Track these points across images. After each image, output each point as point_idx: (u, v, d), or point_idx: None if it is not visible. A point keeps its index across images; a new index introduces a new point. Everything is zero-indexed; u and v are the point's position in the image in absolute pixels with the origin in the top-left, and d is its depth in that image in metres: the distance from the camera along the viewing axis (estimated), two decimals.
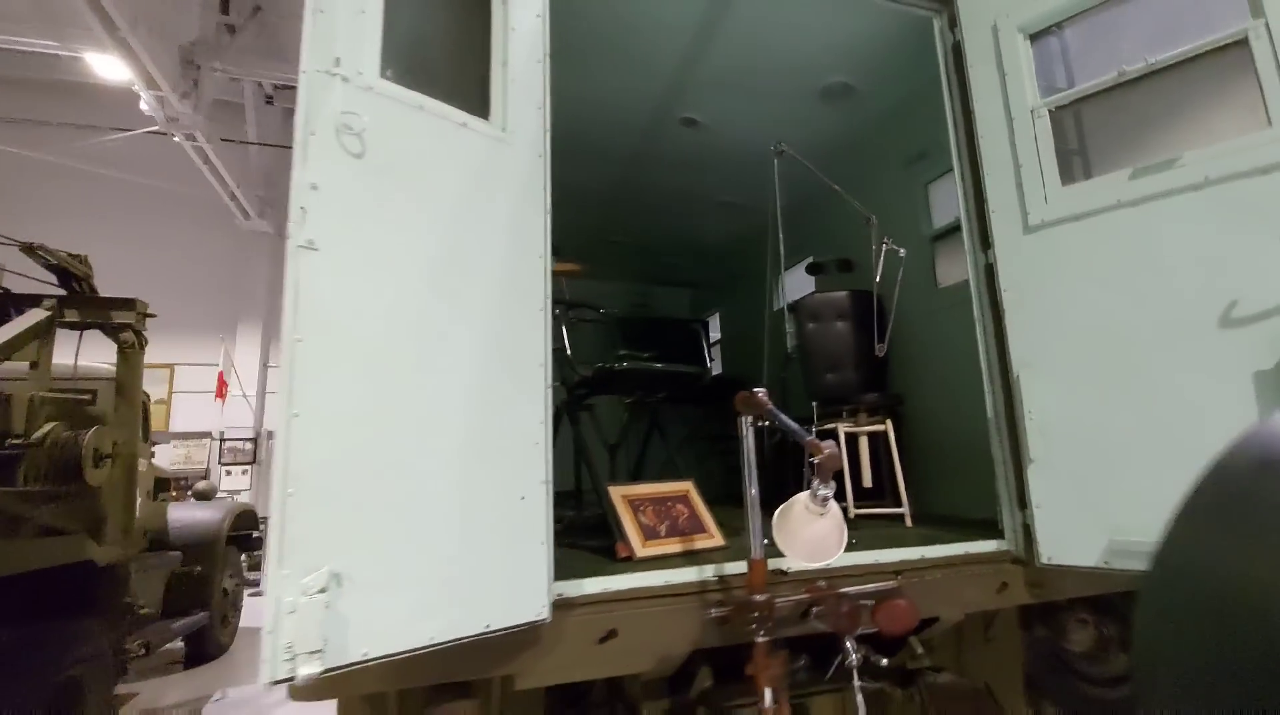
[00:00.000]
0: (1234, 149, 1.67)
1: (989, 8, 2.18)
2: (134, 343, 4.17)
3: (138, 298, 4.22)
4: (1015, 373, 2.00)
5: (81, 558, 3.46)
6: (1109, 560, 1.76)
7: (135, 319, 4.16)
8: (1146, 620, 0.40)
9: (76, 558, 3.41)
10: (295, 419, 1.12)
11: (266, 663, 1.05)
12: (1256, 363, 1.59)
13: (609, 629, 1.55)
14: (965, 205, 2.26)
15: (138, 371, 4.25)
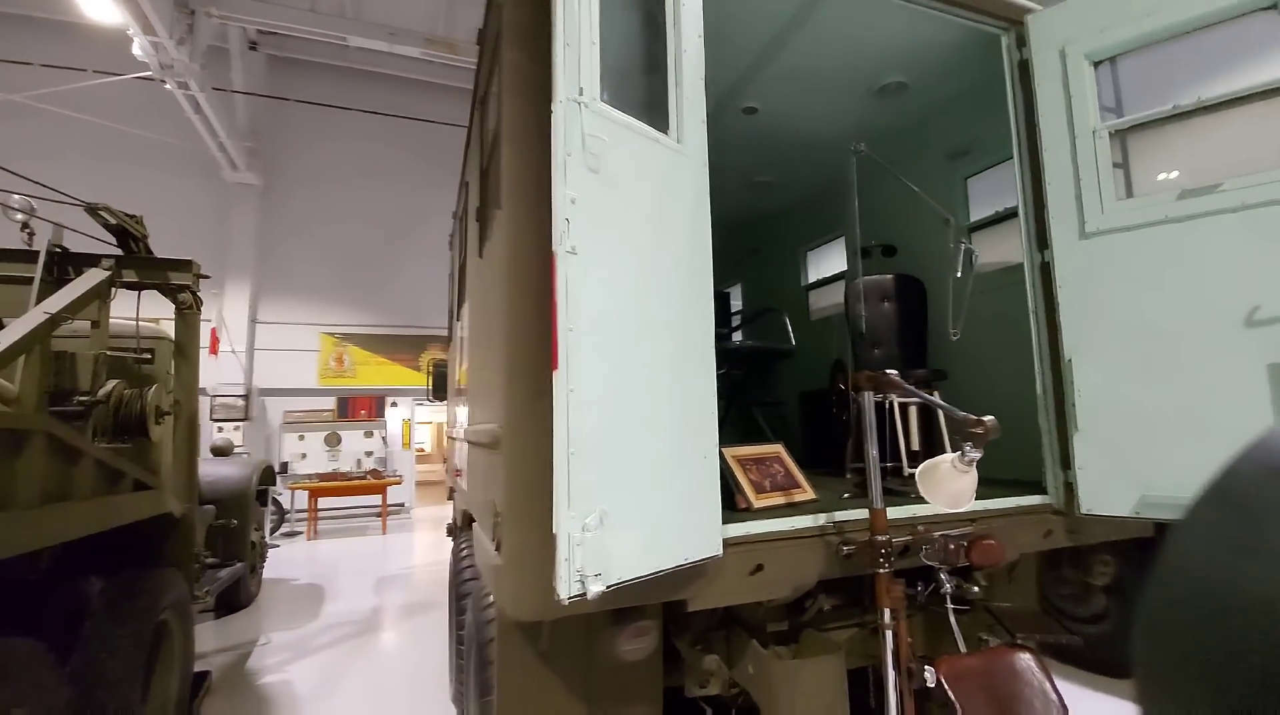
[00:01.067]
0: (1270, 179, 2.04)
1: (1058, 33, 2.47)
2: (191, 303, 4.27)
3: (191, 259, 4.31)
4: (1067, 357, 2.38)
5: (163, 511, 3.65)
6: (1139, 510, 2.19)
7: (191, 280, 4.26)
8: (1155, 625, 0.40)
9: (160, 510, 3.60)
10: (572, 394, 1.40)
11: (562, 582, 1.35)
12: (1272, 357, 1.99)
13: (757, 564, 1.90)
14: (1024, 209, 2.60)
15: (196, 331, 4.36)
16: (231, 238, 12.60)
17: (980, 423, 1.60)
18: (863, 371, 1.91)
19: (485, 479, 2.21)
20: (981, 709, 1.72)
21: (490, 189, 2.39)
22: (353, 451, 13.39)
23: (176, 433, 4.23)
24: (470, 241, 3.05)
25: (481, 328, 2.39)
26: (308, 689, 4.17)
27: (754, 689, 2.08)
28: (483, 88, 2.63)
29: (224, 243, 12.56)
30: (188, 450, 4.27)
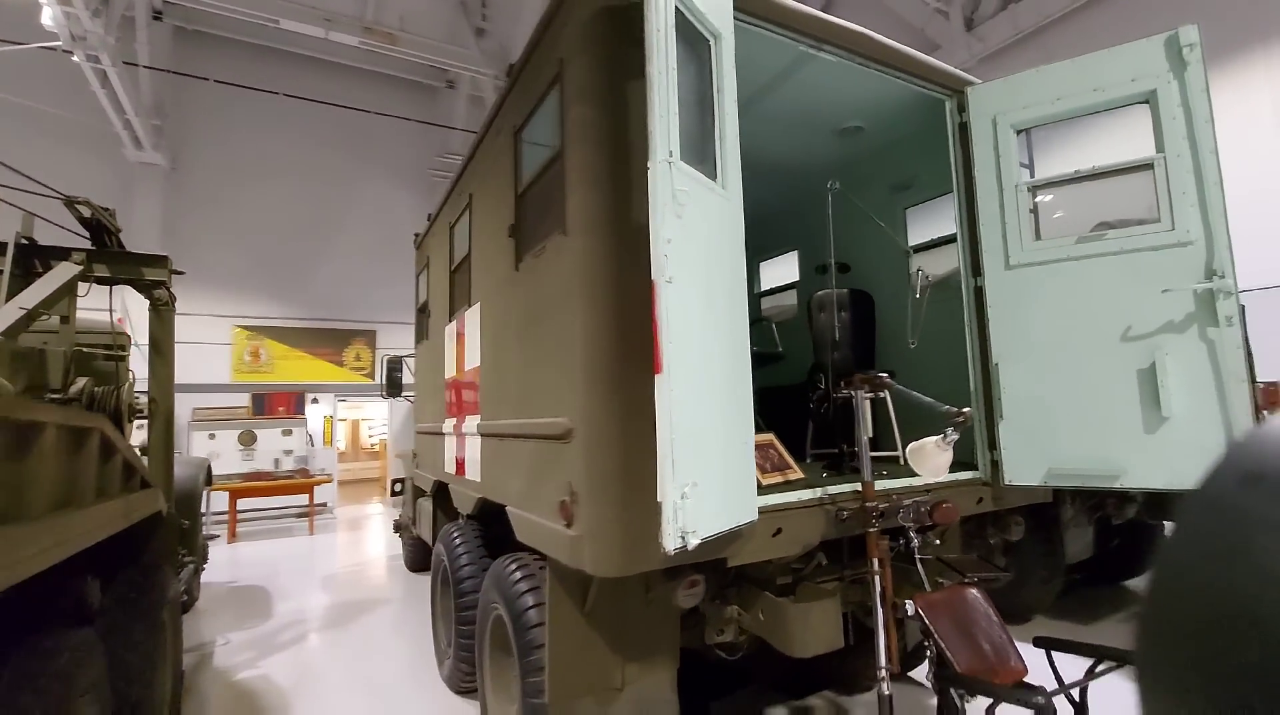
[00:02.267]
0: (1140, 232, 2.74)
1: (991, 105, 3.12)
2: (167, 300, 4.23)
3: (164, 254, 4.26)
4: (995, 362, 3.03)
5: (157, 509, 3.67)
6: (1046, 480, 2.86)
7: (166, 276, 4.21)
8: (1147, 631, 0.43)
9: (155, 509, 3.63)
10: (673, 392, 1.80)
11: (668, 537, 1.75)
12: (1138, 364, 2.70)
13: (777, 527, 2.37)
14: (962, 242, 3.23)
15: (171, 328, 4.31)
16: (134, 221, 11.70)
17: (962, 413, 2.15)
18: (857, 373, 2.43)
19: (538, 468, 2.55)
20: (949, 630, 2.28)
21: (536, 214, 2.72)
22: (270, 450, 12.81)
23: (153, 431, 4.18)
24: (490, 253, 3.33)
25: (527, 334, 2.72)
26: (291, 682, 4.26)
27: (766, 631, 2.56)
28: (517, 119, 2.94)
29: (125, 226, 11.66)
30: (165, 449, 4.23)
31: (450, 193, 4.47)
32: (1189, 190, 2.67)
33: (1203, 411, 2.57)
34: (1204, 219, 2.64)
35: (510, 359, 2.94)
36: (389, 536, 9.82)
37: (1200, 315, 2.60)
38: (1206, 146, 2.67)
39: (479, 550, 3.78)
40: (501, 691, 3.11)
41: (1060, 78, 2.97)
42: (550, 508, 2.36)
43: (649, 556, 2.05)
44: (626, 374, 2.09)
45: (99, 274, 3.99)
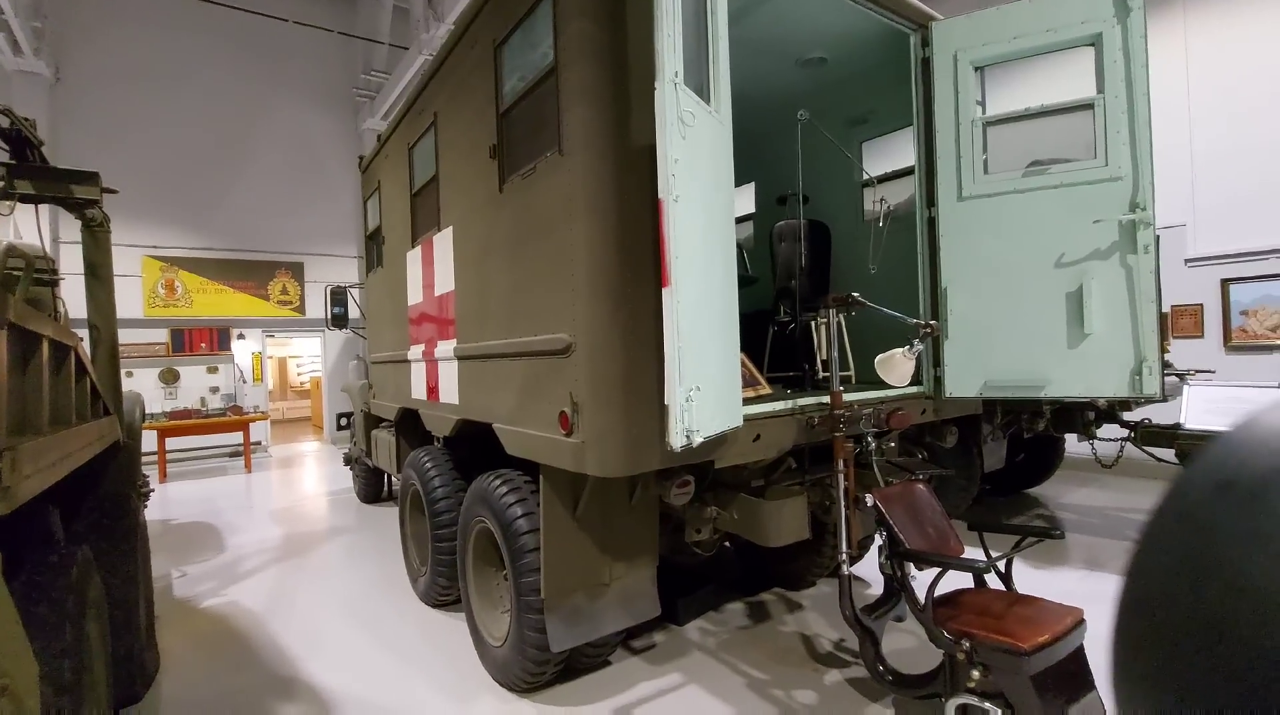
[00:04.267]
0: (1078, 167, 3.02)
1: (953, 41, 3.28)
2: (101, 220, 3.93)
3: None
4: (944, 286, 3.31)
5: (116, 437, 3.56)
6: (982, 392, 3.22)
7: (97, 193, 3.91)
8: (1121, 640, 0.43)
9: (115, 437, 3.52)
10: (679, 304, 1.93)
11: (675, 436, 1.92)
12: (1068, 287, 3.04)
13: (757, 433, 2.60)
14: (919, 174, 3.45)
15: (108, 250, 4.02)
16: None
17: (930, 325, 2.40)
18: (831, 294, 2.63)
19: (532, 384, 2.66)
20: (903, 520, 2.61)
21: (524, 134, 2.71)
22: (194, 388, 12.22)
23: (98, 360, 3.97)
24: (465, 175, 3.28)
25: (516, 256, 2.75)
26: (261, 606, 4.31)
27: (740, 527, 2.84)
28: (497, 31, 2.87)
29: None
30: (113, 377, 4.03)
31: (406, 111, 4.29)
32: (1123, 129, 2.96)
33: (1118, 329, 2.95)
34: (1133, 156, 2.95)
35: (494, 281, 2.97)
36: (334, 472, 9.71)
37: (1123, 243, 2.94)
38: (1140, 89, 2.94)
39: (452, 472, 3.89)
40: (487, 598, 3.30)
41: (1018, 17, 3.16)
42: (548, 420, 2.49)
43: (650, 458, 2.23)
44: (628, 289, 2.20)
45: (22, 191, 3.67)
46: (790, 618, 3.76)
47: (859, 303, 2.52)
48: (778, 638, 3.50)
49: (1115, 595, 0.48)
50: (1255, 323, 6.40)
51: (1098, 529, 5.30)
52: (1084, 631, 2.37)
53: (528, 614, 2.70)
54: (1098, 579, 4.13)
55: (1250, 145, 6.36)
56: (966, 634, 2.26)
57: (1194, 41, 6.71)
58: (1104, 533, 5.17)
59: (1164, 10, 6.89)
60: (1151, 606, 0.43)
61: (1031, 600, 2.44)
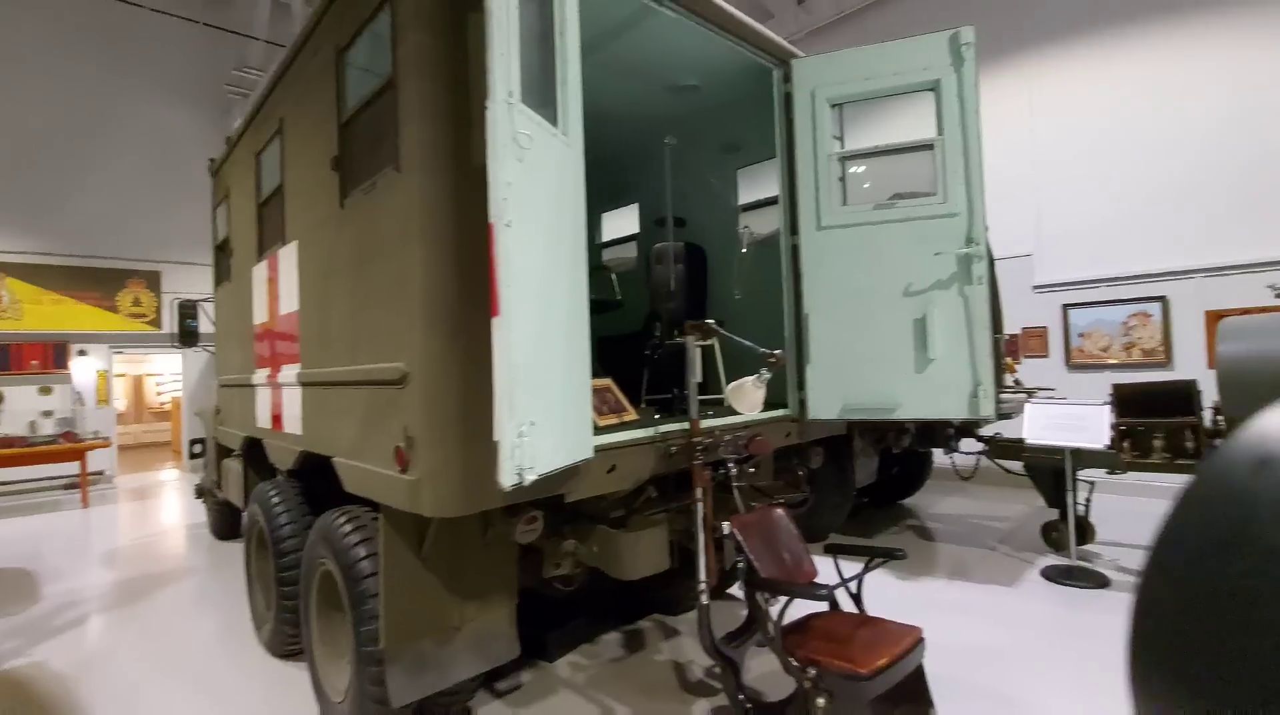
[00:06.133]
0: (921, 203, 3.21)
1: (810, 79, 3.41)
2: None
3: None
4: (806, 313, 3.41)
5: None
6: (842, 414, 3.33)
7: None
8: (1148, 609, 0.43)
9: None
10: (511, 335, 1.82)
11: (505, 474, 1.80)
12: (915, 314, 3.20)
13: (612, 464, 2.52)
14: (783, 204, 3.54)
15: None
16: None
17: (774, 354, 2.42)
18: (688, 321, 2.61)
19: (371, 415, 2.45)
20: (757, 545, 2.61)
21: (364, 146, 2.52)
22: (22, 412, 10.71)
23: None
24: (309, 186, 3.03)
25: (357, 276, 2.55)
26: (75, 666, 3.75)
27: (600, 560, 2.74)
28: (340, 37, 2.67)
29: None
30: None
31: (255, 115, 3.95)
32: (959, 169, 3.17)
33: (957, 354, 3.14)
34: (968, 194, 3.16)
35: (337, 302, 2.74)
36: (189, 504, 8.78)
37: (960, 275, 3.14)
38: (974, 133, 3.16)
39: (300, 507, 3.56)
40: (330, 647, 3.01)
41: (869, 60, 3.33)
42: (384, 455, 2.29)
43: (490, 496, 2.09)
44: (467, 316, 2.07)
45: None
46: (665, 645, 3.70)
47: (714, 330, 2.52)
48: (650, 668, 3.43)
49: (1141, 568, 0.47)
50: (1090, 344, 7.14)
51: (961, 537, 5.66)
52: (923, 650, 2.45)
53: (368, 666, 2.47)
54: (959, 587, 4.38)
55: (1084, 186, 7.12)
56: (812, 661, 2.27)
57: (1036, 91, 7.45)
58: (967, 541, 5.52)
59: (1011, 61, 7.61)
60: (1181, 576, 0.43)
61: (875, 622, 2.50)
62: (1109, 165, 6.96)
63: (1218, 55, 6.34)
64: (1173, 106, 6.58)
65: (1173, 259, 6.56)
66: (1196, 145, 6.45)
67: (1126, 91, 6.85)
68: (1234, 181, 6.27)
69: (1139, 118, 6.78)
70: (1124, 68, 6.87)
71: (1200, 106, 6.43)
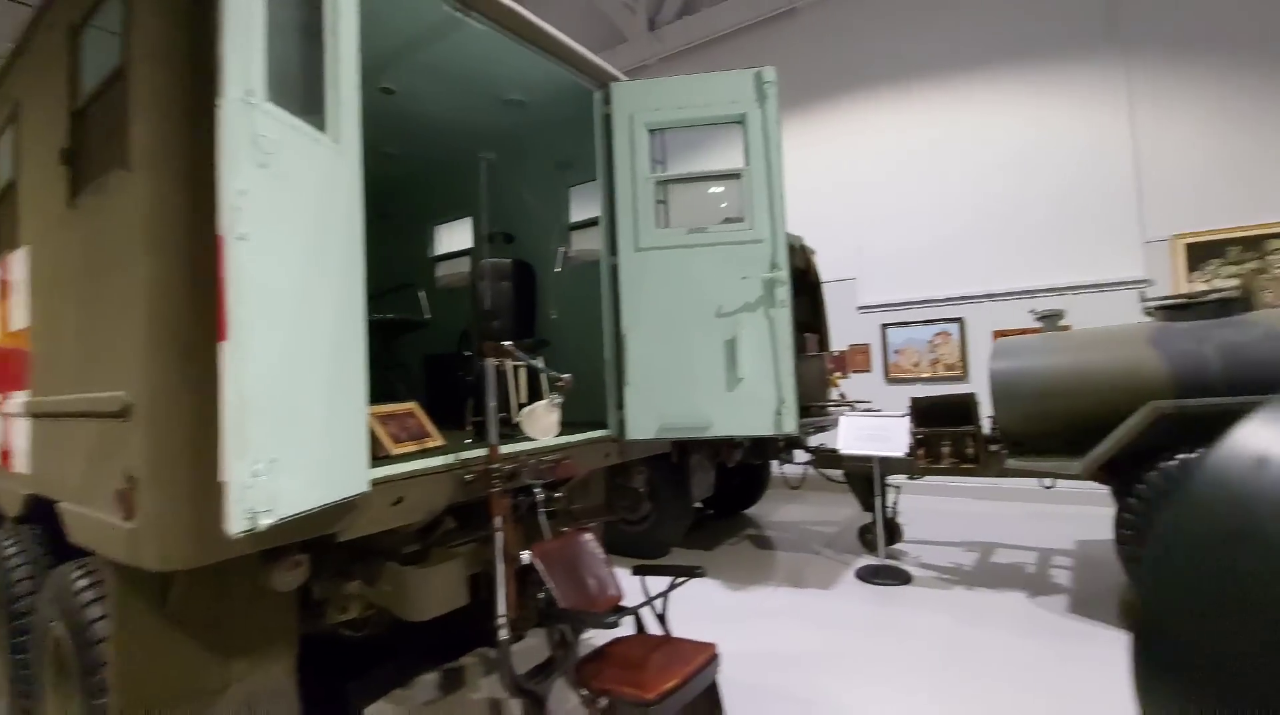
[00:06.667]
0: (730, 229, 3.34)
1: (629, 103, 3.45)
2: None
3: None
4: (624, 332, 3.42)
5: None
6: (659, 433, 3.37)
7: None
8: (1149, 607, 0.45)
9: None
10: (241, 362, 1.62)
11: (233, 520, 1.59)
12: (726, 336, 3.32)
13: (398, 496, 2.35)
14: (604, 224, 3.55)
15: None
16: None
17: (562, 378, 2.37)
18: (486, 342, 2.51)
19: (96, 453, 2.10)
20: (560, 573, 2.54)
21: (98, 140, 2.18)
22: None
23: None
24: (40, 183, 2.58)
25: (86, 290, 2.19)
26: None
27: (391, 601, 2.54)
28: (75, 13, 2.30)
29: None
30: None
31: None
32: (764, 198, 3.34)
33: (763, 374, 3.29)
34: (772, 222, 3.34)
35: (66, 320, 2.34)
36: None
37: (765, 298, 3.30)
38: (776, 165, 3.35)
39: (42, 560, 3.01)
40: None
41: (683, 89, 3.44)
42: (106, 499, 1.97)
43: (230, 542, 1.84)
44: (200, 340, 1.82)
45: None
46: (485, 682, 3.52)
47: (507, 352, 2.43)
48: (466, 709, 3.25)
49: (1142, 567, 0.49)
50: (904, 360, 7.89)
51: (792, 543, 5.98)
52: (717, 666, 2.49)
53: None
54: (784, 594, 4.59)
55: (898, 217, 7.90)
56: (604, 690, 2.23)
57: (858, 132, 8.18)
58: (797, 547, 5.84)
59: (838, 102, 8.31)
60: (1183, 573, 0.42)
61: (672, 643, 2.52)
62: (919, 199, 7.78)
63: (1006, 107, 7.32)
64: (968, 150, 7.50)
65: (968, 285, 7.44)
66: (987, 185, 7.38)
67: (934, 133, 7.70)
68: (1013, 219, 7.24)
69: (943, 158, 7.65)
70: (931, 113, 7.73)
71: (988, 152, 7.38)
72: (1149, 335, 4.04)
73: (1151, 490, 3.54)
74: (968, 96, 7.52)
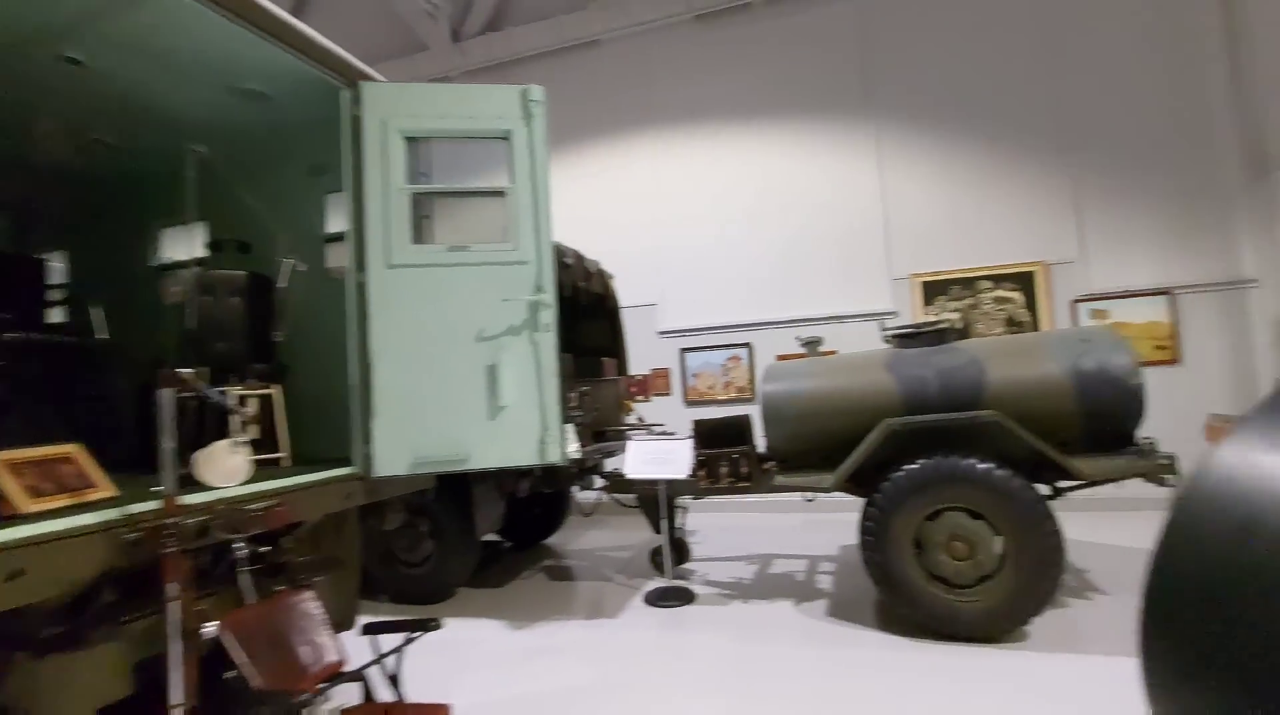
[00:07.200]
0: (493, 248, 3.16)
1: (382, 108, 3.15)
2: None
3: None
4: (372, 357, 3.07)
5: None
6: (412, 468, 3.05)
7: None
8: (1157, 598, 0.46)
9: None
10: None
11: None
12: (487, 361, 3.12)
13: (16, 569, 1.80)
14: (352, 236, 3.19)
15: None
16: None
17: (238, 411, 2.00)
18: (163, 371, 2.05)
19: None
20: (262, 645, 2.13)
21: None
22: None
23: None
24: None
25: None
26: None
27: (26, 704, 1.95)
28: None
29: None
30: None
31: None
32: (529, 219, 3.22)
33: (527, 401, 3.13)
34: (537, 244, 3.22)
35: None
36: None
37: (530, 322, 3.16)
38: (543, 185, 3.26)
39: None
40: None
41: (445, 98, 3.22)
42: None
43: None
44: None
45: None
46: None
47: (185, 381, 2.01)
48: None
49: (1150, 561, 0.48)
50: (701, 383, 8.28)
51: (588, 571, 5.87)
52: None
53: None
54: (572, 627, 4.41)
55: (695, 246, 8.33)
56: None
57: (662, 166, 8.53)
58: (592, 575, 5.73)
59: (641, 134, 8.62)
60: (1194, 565, 0.45)
61: (400, 710, 2.22)
62: (713, 232, 8.28)
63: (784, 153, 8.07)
64: (753, 189, 8.15)
65: (755, 312, 8.03)
66: (769, 222, 8.07)
67: (726, 172, 8.27)
68: (790, 254, 7.97)
69: (733, 196, 8.23)
70: (722, 153, 8.31)
71: (769, 192, 8.08)
72: (885, 360, 4.56)
73: (885, 499, 3.93)
74: (752, 141, 8.20)
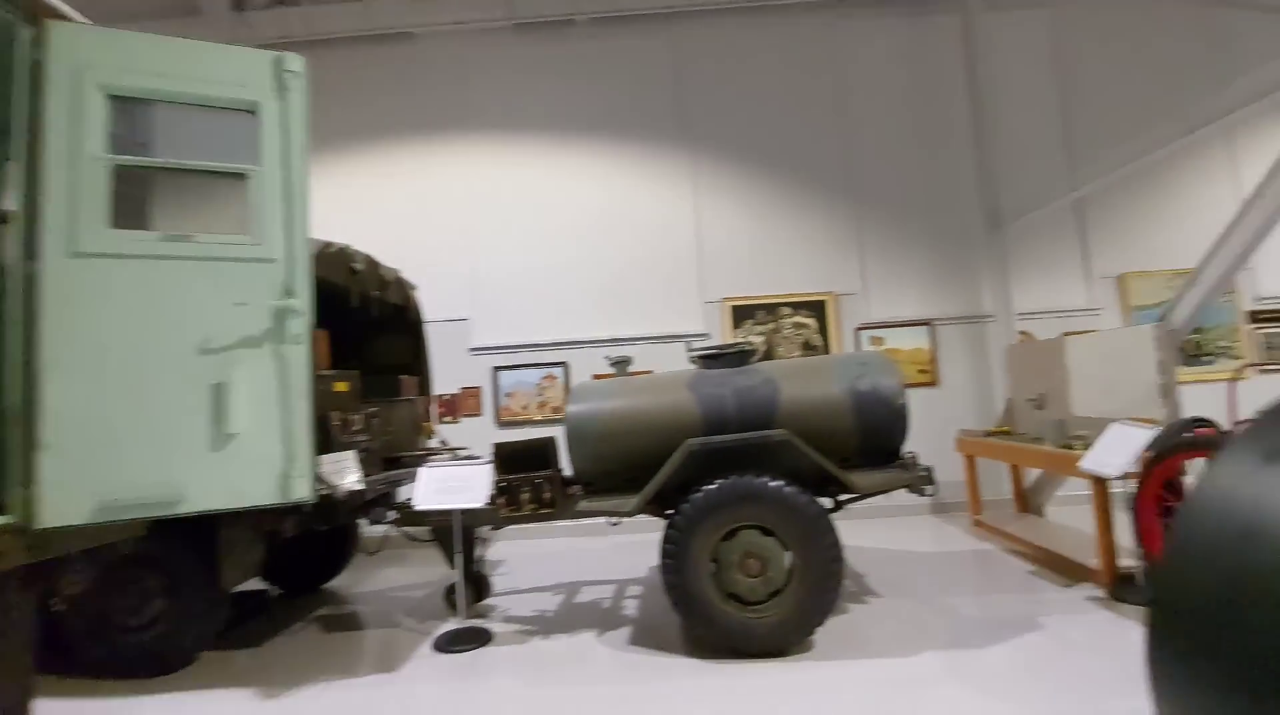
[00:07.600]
0: (227, 240, 2.61)
1: (78, 55, 2.48)
2: None
3: None
4: (42, 371, 2.36)
5: None
6: (96, 516, 2.37)
7: None
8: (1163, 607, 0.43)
9: None
10: None
11: None
12: (214, 378, 2.55)
13: None
14: (21, 213, 2.45)
15: None
16: None
17: None
18: None
19: None
20: None
21: None
22: None
23: None
24: None
25: None
26: None
27: None
28: None
29: None
30: None
31: None
32: (278, 210, 2.72)
33: (267, 427, 2.61)
34: (288, 239, 2.73)
35: None
36: None
37: (274, 332, 2.65)
38: (299, 172, 2.77)
39: None
40: None
41: (167, 52, 2.63)
42: None
43: None
44: None
45: None
46: None
47: None
48: None
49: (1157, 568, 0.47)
50: (514, 403, 7.92)
51: (372, 617, 5.20)
52: None
53: None
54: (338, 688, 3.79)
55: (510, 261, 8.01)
56: None
57: (475, 177, 8.12)
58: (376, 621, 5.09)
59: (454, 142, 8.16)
60: (1199, 571, 0.42)
61: None
62: (526, 246, 8.04)
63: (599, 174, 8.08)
64: (566, 207, 8.06)
65: (571, 331, 7.89)
66: (583, 241, 8.02)
67: (539, 187, 8.08)
68: (605, 273, 7.98)
69: (547, 212, 8.06)
70: (535, 166, 8.12)
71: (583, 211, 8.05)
72: (688, 380, 4.60)
73: (684, 520, 3.90)
74: (565, 157, 8.13)
